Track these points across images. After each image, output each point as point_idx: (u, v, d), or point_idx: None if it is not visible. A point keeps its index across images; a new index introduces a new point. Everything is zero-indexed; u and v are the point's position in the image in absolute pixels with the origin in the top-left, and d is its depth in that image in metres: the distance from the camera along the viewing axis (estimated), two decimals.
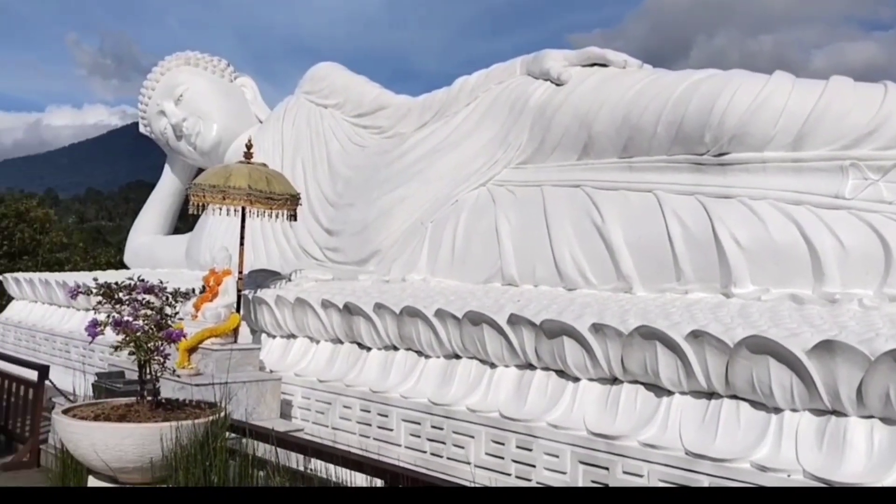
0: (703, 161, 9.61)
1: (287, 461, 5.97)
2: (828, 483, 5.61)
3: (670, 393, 6.84)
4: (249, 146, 11.20)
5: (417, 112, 13.93)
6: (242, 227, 10.79)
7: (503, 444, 7.65)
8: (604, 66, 11.58)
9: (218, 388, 7.50)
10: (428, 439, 8.40)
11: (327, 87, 15.97)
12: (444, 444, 8.21)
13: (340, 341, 10.20)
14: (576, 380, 7.54)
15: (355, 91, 15.55)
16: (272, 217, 10.84)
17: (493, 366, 8.31)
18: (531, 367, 7.97)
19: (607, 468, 6.81)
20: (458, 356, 8.71)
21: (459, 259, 11.55)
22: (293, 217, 10.95)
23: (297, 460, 6.32)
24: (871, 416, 5.78)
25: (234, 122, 17.96)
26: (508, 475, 7.54)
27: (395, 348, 9.44)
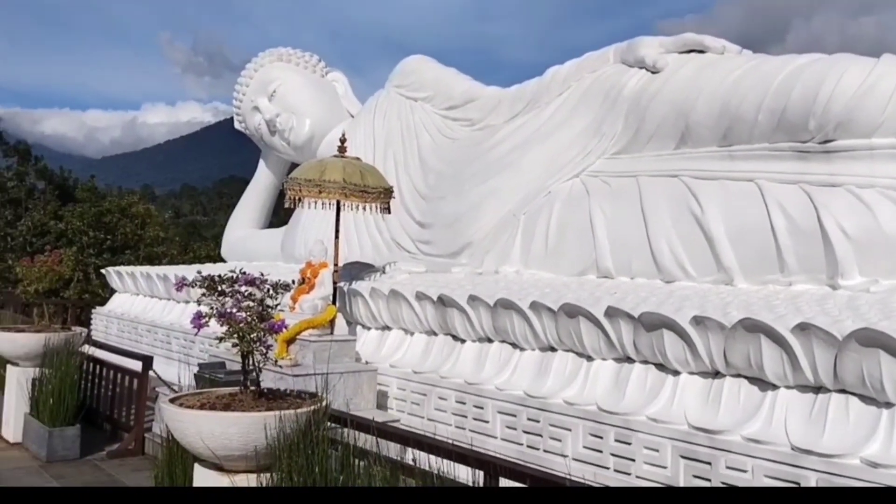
0: (808, 149, 9.27)
1: (387, 451, 6.00)
2: None
3: (775, 387, 6.65)
4: (343, 140, 11.33)
5: (508, 103, 13.83)
6: (337, 220, 10.93)
7: (601, 438, 7.57)
8: (701, 52, 11.27)
9: (316, 378, 7.60)
10: (524, 431, 8.37)
11: (417, 80, 16.01)
12: (541, 436, 8.17)
13: (435, 333, 10.23)
14: (676, 373, 7.40)
15: (445, 83, 15.54)
16: (366, 210, 10.95)
17: (589, 359, 8.22)
18: (629, 360, 7.86)
19: (709, 463, 6.67)
20: (553, 349, 8.64)
21: (553, 251, 11.41)
22: (387, 210, 11.03)
23: (395, 450, 6.36)
24: None
25: (327, 117, 18.19)
26: (607, 469, 7.47)
27: (490, 340, 9.42)
